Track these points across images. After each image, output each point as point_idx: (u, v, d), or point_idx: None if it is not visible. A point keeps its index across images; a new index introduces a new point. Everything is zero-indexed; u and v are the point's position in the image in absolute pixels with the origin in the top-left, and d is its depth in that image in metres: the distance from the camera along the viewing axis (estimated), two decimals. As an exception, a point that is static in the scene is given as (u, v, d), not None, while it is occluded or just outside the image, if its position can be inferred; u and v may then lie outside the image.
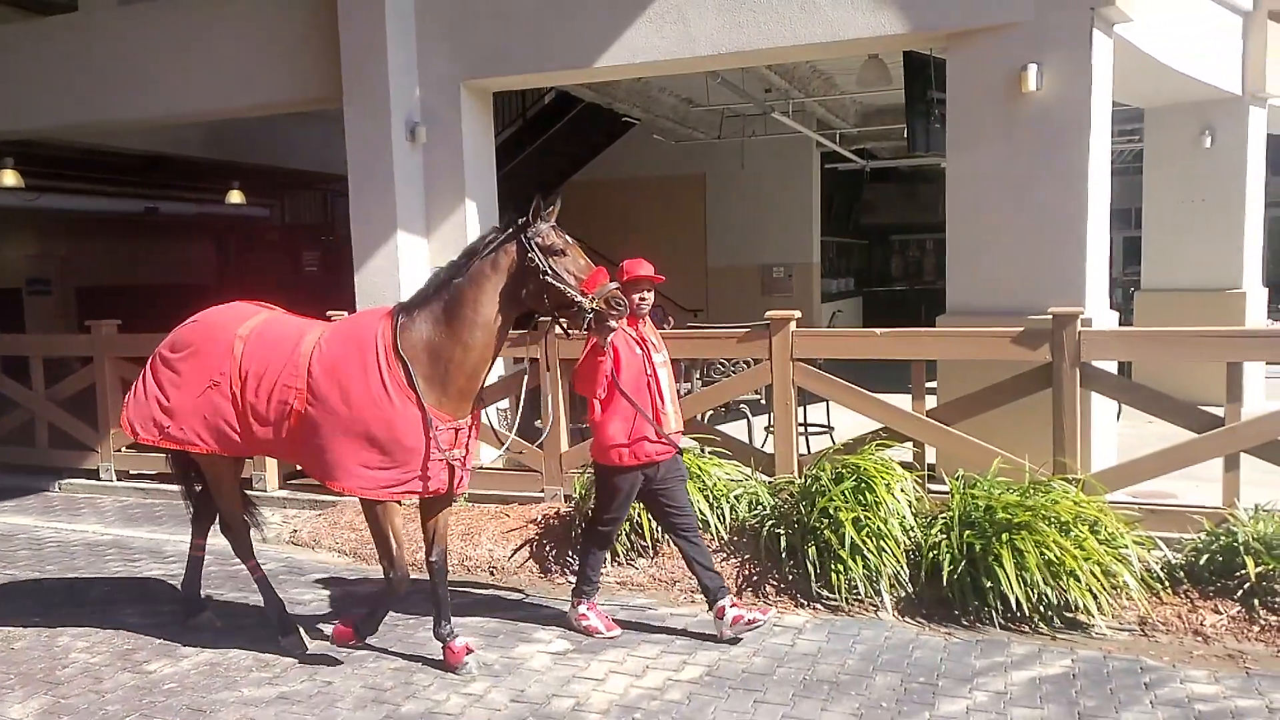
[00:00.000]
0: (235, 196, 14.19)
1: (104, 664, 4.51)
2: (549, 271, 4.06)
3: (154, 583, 5.76)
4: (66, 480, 8.17)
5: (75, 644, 4.75)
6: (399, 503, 4.34)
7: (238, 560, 4.94)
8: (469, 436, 4.27)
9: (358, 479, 4.11)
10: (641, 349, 4.46)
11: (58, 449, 8.37)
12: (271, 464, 7.27)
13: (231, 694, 4.16)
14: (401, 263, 7.50)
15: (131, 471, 8.08)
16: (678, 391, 4.81)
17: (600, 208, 15.60)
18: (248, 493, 5.25)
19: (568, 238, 4.17)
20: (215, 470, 4.70)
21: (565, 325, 4.28)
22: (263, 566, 4.91)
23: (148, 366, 4.61)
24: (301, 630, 4.61)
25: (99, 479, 8.06)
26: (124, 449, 8.03)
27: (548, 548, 5.71)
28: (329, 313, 7.19)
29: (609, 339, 4.19)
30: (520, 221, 4.15)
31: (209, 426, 4.37)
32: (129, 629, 4.91)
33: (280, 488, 7.33)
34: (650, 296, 4.52)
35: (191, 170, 13.69)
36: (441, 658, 4.35)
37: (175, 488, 7.70)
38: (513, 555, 5.75)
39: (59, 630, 4.92)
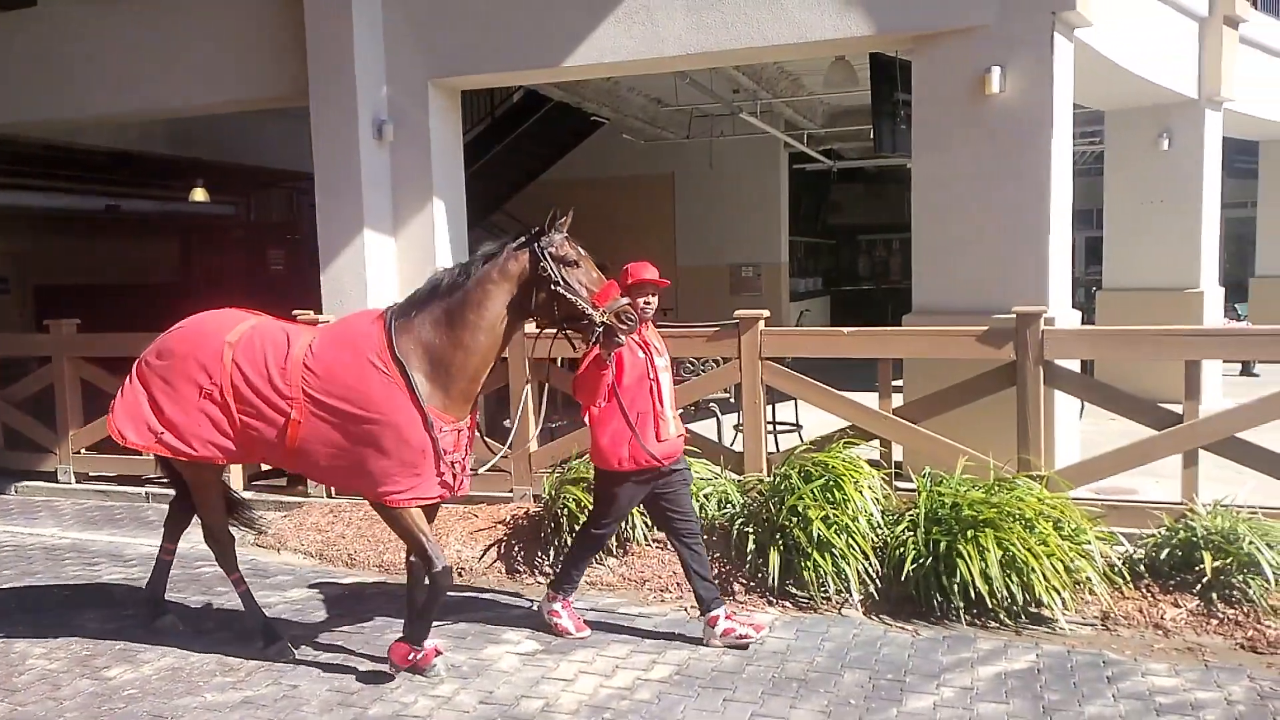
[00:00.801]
0: (199, 194, 13.97)
1: (62, 670, 4.43)
2: (561, 282, 4.00)
3: (114, 587, 5.66)
4: (23, 483, 8.00)
5: (32, 650, 4.65)
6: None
7: (202, 563, 4.88)
8: (469, 439, 4.21)
9: (382, 486, 4.01)
10: (644, 352, 4.40)
11: (14, 451, 8.22)
12: (236, 465, 7.16)
13: (194, 699, 4.09)
14: (368, 262, 7.44)
15: (91, 474, 7.94)
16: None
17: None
18: (239, 495, 5.13)
19: (580, 249, 4.11)
20: (201, 478, 4.57)
21: (572, 337, 4.21)
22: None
23: (134, 372, 4.47)
24: (287, 638, 4.55)
25: (57, 481, 7.90)
26: (83, 451, 7.89)
27: (516, 548, 5.69)
28: (294, 312, 7.13)
29: (614, 351, 4.13)
30: (534, 230, 4.09)
31: (203, 436, 4.25)
32: (88, 634, 4.82)
33: (245, 489, 7.24)
34: (654, 300, 4.46)
35: (155, 167, 13.47)
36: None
37: (136, 490, 7.64)
38: (481, 556, 5.72)
39: (15, 637, 4.81)
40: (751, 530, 5.17)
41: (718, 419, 7.36)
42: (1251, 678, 4.05)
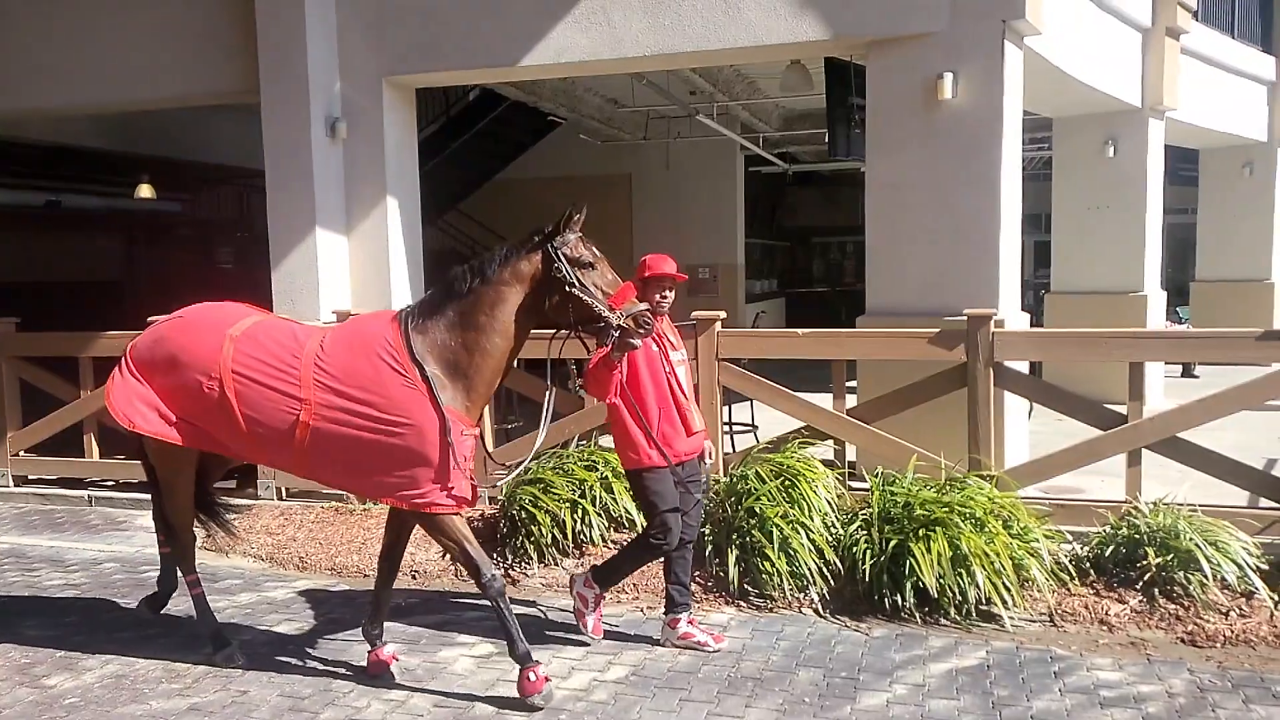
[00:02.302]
0: (145, 190, 13.66)
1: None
2: (576, 284, 3.87)
3: (54, 593, 5.50)
4: (-41, 487, 7.76)
5: (-31, 659, 4.51)
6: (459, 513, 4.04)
7: (148, 567, 4.76)
8: (478, 444, 4.10)
9: (410, 492, 3.87)
10: (659, 346, 4.31)
11: (-50, 454, 7.96)
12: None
13: (139, 707, 4.00)
14: (320, 260, 7.33)
15: (30, 476, 7.72)
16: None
17: (526, 206, 15.43)
18: (224, 497, 4.95)
19: (596, 250, 3.99)
20: (172, 465, 4.36)
21: (586, 340, 4.08)
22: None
23: (125, 362, 4.29)
24: (236, 644, 4.45)
25: (-5, 485, 7.67)
26: (22, 453, 7.67)
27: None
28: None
29: (625, 354, 4.03)
30: (547, 230, 3.96)
31: (199, 432, 4.10)
32: (27, 642, 4.69)
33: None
34: (671, 295, 4.37)
35: (98, 163, 13.14)
36: (363, 664, 4.26)
37: (78, 493, 7.45)
38: (437, 558, 5.66)
39: (-49, 645, 4.66)
40: (708, 530, 5.18)
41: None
42: (1191, 671, 4.15)
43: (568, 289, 3.88)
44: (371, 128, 7.37)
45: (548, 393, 4.20)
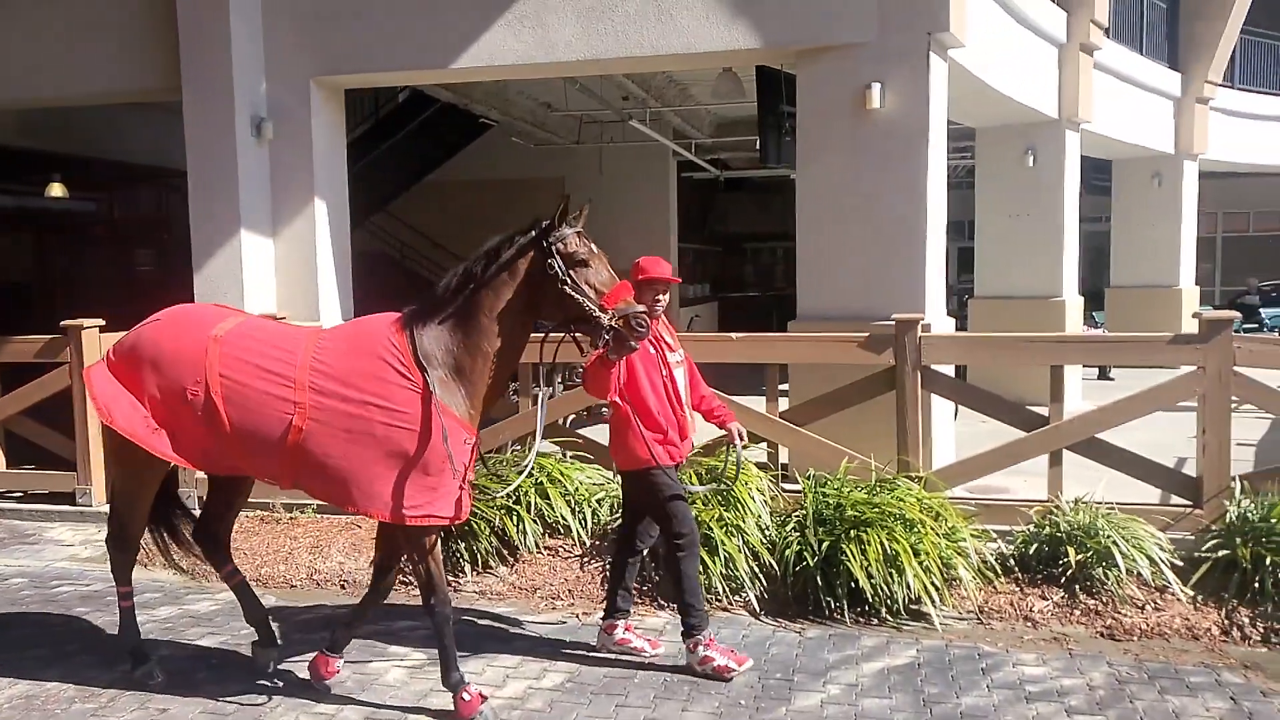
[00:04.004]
0: (57, 190, 13.13)
1: (-100, 703, 4.07)
2: (568, 281, 3.71)
3: (-39, 611, 5.24)
4: None
5: None
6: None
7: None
8: (477, 453, 3.95)
9: (409, 507, 3.67)
10: (656, 348, 4.24)
11: None
12: (99, 475, 6.75)
13: (53, 728, 3.83)
14: (246, 264, 7.15)
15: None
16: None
17: (457, 208, 15.31)
18: (186, 512, 4.59)
19: (593, 246, 3.82)
20: (139, 480, 4.10)
21: (580, 340, 3.95)
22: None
23: (101, 366, 4.04)
24: (155, 659, 4.27)
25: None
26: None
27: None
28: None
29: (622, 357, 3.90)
30: (544, 225, 3.81)
31: (184, 442, 3.85)
32: (-70, 663, 4.45)
33: (108, 502, 6.81)
34: (665, 298, 4.32)
35: (5, 160, 12.58)
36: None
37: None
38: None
39: None
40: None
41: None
42: (1110, 664, 4.30)
43: (560, 286, 3.72)
44: (299, 129, 7.22)
45: (541, 395, 4.08)
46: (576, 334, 3.92)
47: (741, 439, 4.44)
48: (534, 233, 3.82)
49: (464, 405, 3.79)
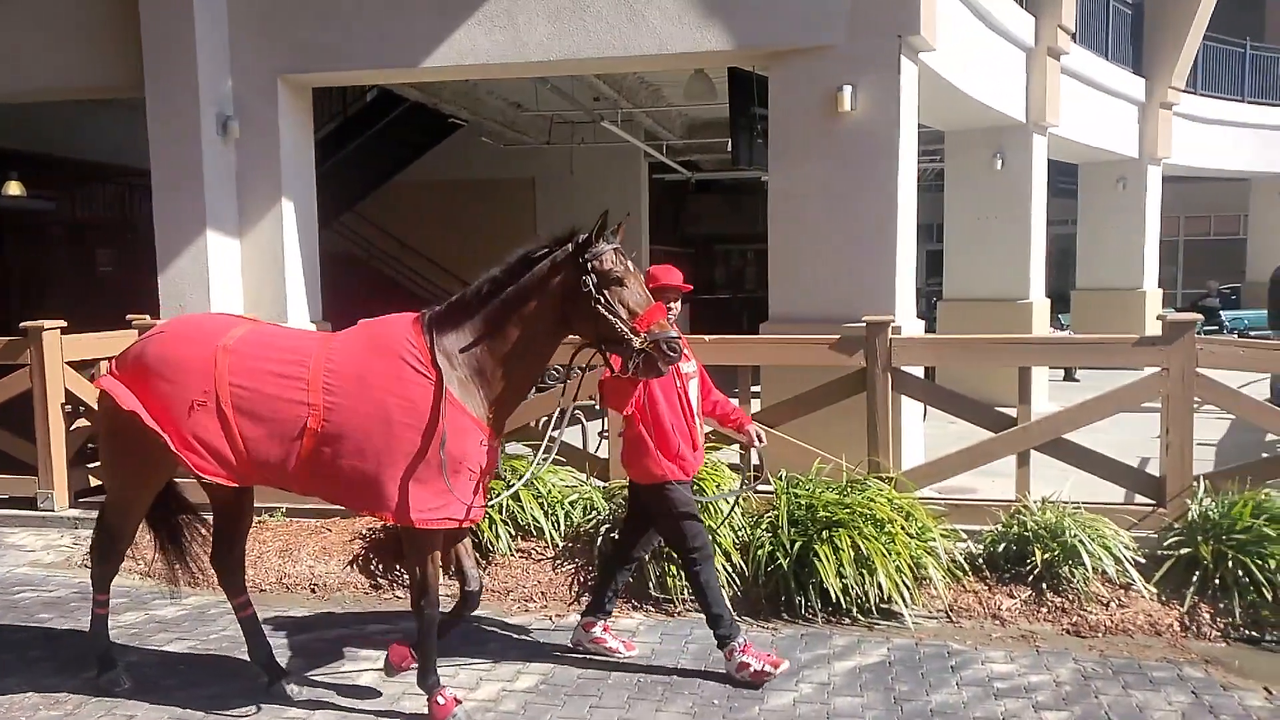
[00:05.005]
0: (14, 188, 12.88)
1: None
2: (601, 300, 3.62)
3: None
4: None
5: None
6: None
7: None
8: (494, 460, 3.87)
9: (416, 508, 3.58)
10: None
11: None
12: (60, 480, 6.62)
13: (14, 738, 3.76)
14: (211, 264, 7.05)
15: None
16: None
17: (426, 208, 15.24)
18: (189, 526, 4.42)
19: (630, 264, 3.72)
20: (135, 478, 3.97)
21: (610, 359, 3.82)
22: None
23: (110, 376, 3.92)
24: (122, 666, 4.19)
25: None
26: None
27: (374, 562, 5.50)
28: (129, 317, 6.67)
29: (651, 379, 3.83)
30: (581, 239, 3.70)
31: (203, 453, 3.72)
32: (-114, 672, 4.34)
33: (70, 506, 6.70)
34: (677, 306, 4.27)
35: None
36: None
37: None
38: (337, 571, 5.50)
39: None
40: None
41: (583, 426, 7.35)
42: (1076, 660, 4.36)
43: (593, 304, 3.64)
44: (266, 127, 7.14)
45: (558, 407, 4.00)
46: (604, 351, 3.83)
47: (761, 441, 4.41)
48: (570, 247, 3.73)
49: (482, 408, 3.73)
